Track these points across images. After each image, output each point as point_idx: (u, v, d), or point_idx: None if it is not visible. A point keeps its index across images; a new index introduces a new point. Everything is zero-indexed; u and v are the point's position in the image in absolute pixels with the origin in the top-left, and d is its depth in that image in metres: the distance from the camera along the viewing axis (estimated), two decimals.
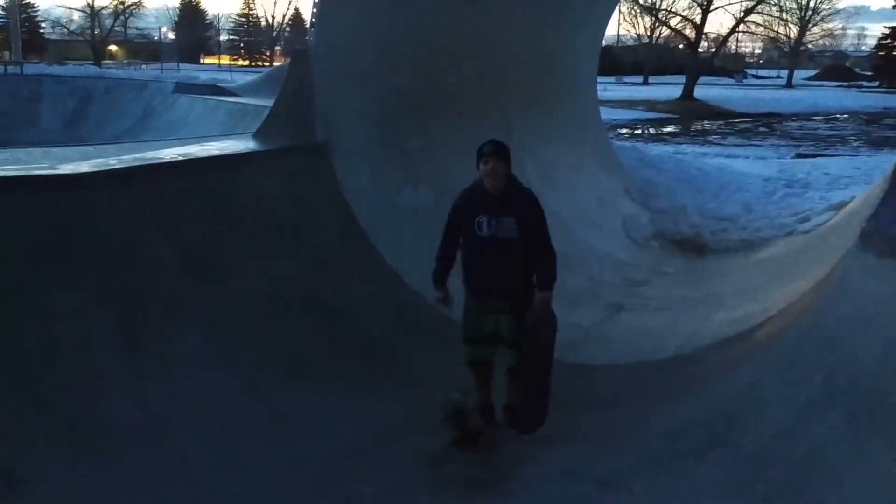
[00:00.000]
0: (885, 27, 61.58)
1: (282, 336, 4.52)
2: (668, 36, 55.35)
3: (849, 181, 11.83)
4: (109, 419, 3.52)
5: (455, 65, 7.45)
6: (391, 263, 5.63)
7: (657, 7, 50.19)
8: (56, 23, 62.81)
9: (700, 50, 48.10)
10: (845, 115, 36.28)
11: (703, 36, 48.04)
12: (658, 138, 25.01)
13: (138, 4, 61.68)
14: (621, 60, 58.39)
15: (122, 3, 59.91)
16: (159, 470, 3.41)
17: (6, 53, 40.62)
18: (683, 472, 3.44)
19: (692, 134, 27.28)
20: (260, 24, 74.70)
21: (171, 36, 71.64)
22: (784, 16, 51.84)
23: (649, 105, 37.20)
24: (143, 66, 46.57)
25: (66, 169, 4.34)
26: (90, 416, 3.48)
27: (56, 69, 27.74)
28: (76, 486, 3.20)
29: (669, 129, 29.17)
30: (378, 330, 5.05)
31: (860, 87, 61.08)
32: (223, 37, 77.16)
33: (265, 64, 66.07)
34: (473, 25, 7.62)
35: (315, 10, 6.24)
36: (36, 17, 61.94)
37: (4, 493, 3.06)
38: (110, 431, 3.47)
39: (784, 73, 64.65)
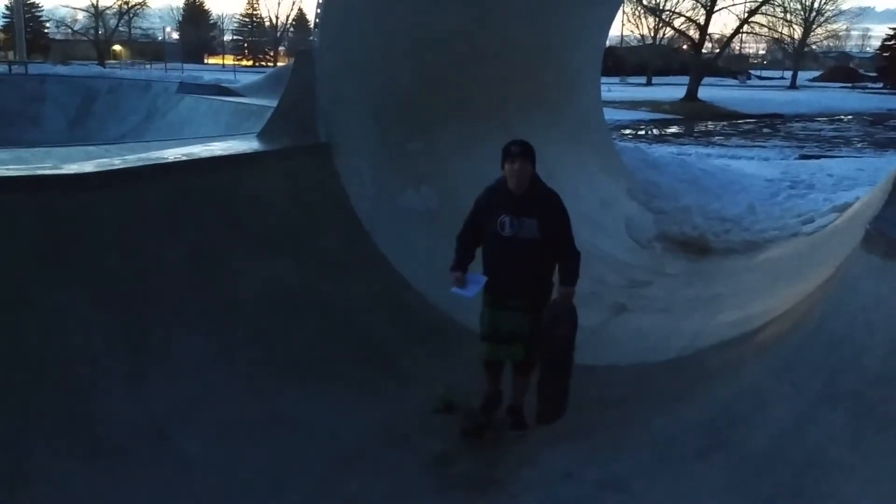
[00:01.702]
0: (890, 28, 61.52)
1: (284, 337, 4.52)
2: (672, 37, 55.11)
3: (853, 183, 11.78)
4: (111, 419, 3.52)
5: (457, 66, 7.45)
6: (393, 264, 5.63)
7: (661, 8, 50.13)
8: (60, 23, 63.05)
9: (704, 51, 47.98)
10: (849, 117, 36.21)
11: (707, 37, 47.99)
12: (661, 139, 24.99)
13: (142, 4, 61.79)
14: (625, 61, 58.27)
15: (127, 3, 60.01)
16: (161, 470, 3.41)
17: (11, 53, 40.76)
18: (686, 474, 3.43)
19: (696, 135, 27.25)
20: (264, 25, 74.74)
21: (175, 36, 71.79)
22: (788, 17, 51.52)
23: (653, 106, 37.15)
24: (147, 66, 46.76)
25: (70, 169, 4.36)
26: (92, 417, 3.48)
27: (60, 69, 27.83)
28: (78, 487, 3.20)
29: (673, 129, 29.15)
30: (380, 331, 5.05)
31: (864, 88, 60.89)
32: (227, 37, 77.29)
33: (269, 64, 66.16)
34: (475, 26, 7.61)
35: (319, 11, 6.25)
36: (40, 16, 62.12)
37: (7, 494, 3.07)
38: (112, 432, 3.47)
39: (788, 74, 64.43)
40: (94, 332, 3.78)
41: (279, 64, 61.19)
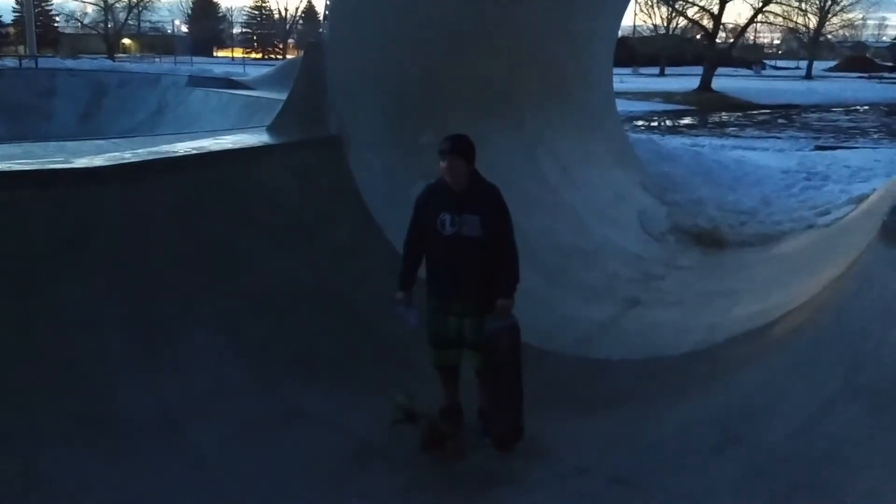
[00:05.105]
0: None
1: (295, 331, 4.51)
2: (686, 26, 54.73)
3: (869, 174, 11.67)
4: (125, 414, 3.53)
5: (468, 59, 7.40)
6: None
7: None
8: (70, 17, 63.22)
9: (718, 40, 47.55)
10: (865, 107, 35.79)
11: (721, 26, 47.53)
12: (675, 130, 24.81)
13: None
14: (637, 51, 57.79)
15: None
16: (174, 464, 3.41)
17: (21, 47, 40.98)
18: (699, 469, 3.40)
19: (709, 126, 27.04)
20: (273, 17, 74.87)
21: (185, 29, 71.93)
22: (803, 6, 51.05)
23: (666, 96, 36.87)
24: (157, 60, 46.85)
25: (81, 163, 4.37)
26: (106, 411, 3.50)
27: (70, 63, 27.90)
28: (92, 481, 3.21)
29: (686, 120, 28.93)
30: (392, 325, 5.02)
31: (881, 78, 60.05)
32: (236, 30, 77.37)
33: (278, 57, 66.13)
34: (486, 19, 7.56)
35: (328, 3, 6.22)
36: (50, 11, 62.32)
37: (22, 488, 3.08)
38: (126, 426, 3.48)
39: (803, 64, 63.74)
40: (106, 326, 3.79)
41: (289, 56, 61.11)
